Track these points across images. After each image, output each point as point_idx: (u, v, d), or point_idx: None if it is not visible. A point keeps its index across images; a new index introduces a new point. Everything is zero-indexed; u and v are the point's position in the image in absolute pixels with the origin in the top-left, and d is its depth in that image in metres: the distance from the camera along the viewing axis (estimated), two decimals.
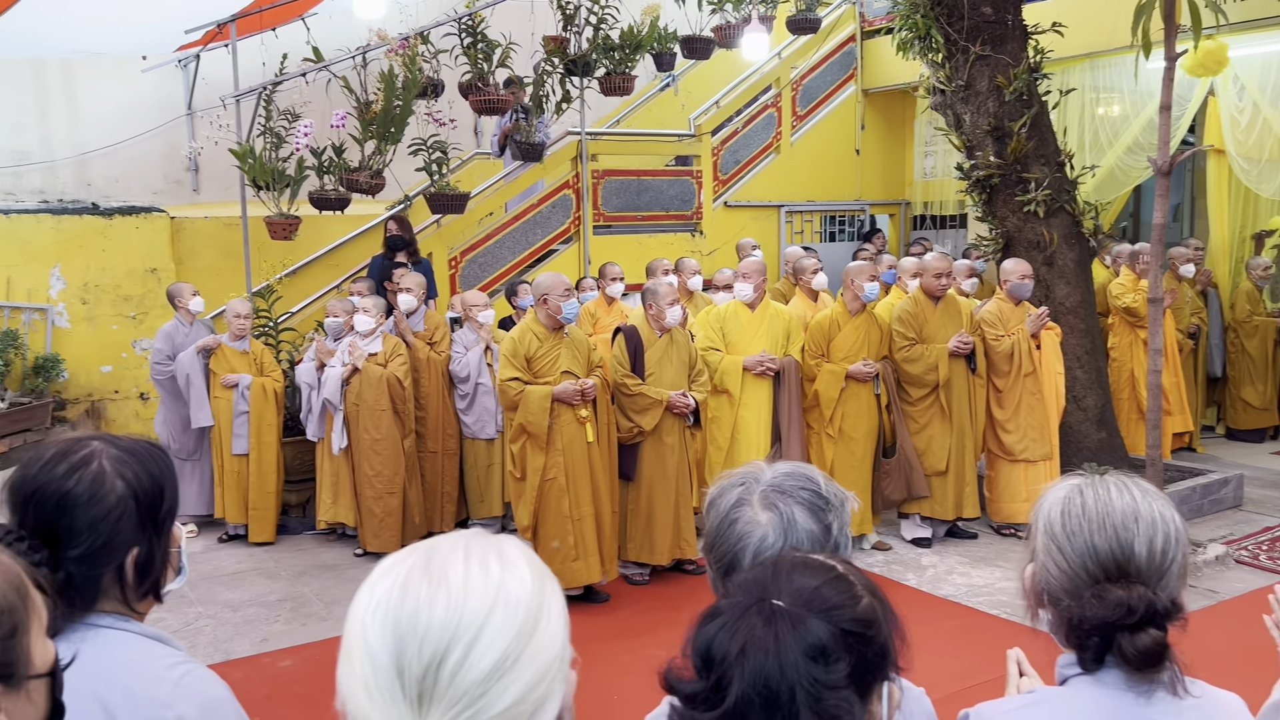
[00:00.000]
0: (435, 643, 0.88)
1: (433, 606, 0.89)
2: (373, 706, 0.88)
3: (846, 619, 1.12)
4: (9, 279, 8.21)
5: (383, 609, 0.91)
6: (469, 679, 0.87)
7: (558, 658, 0.93)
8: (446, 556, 0.94)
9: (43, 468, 1.42)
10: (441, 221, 8.71)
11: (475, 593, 0.91)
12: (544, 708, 0.91)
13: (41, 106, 8.99)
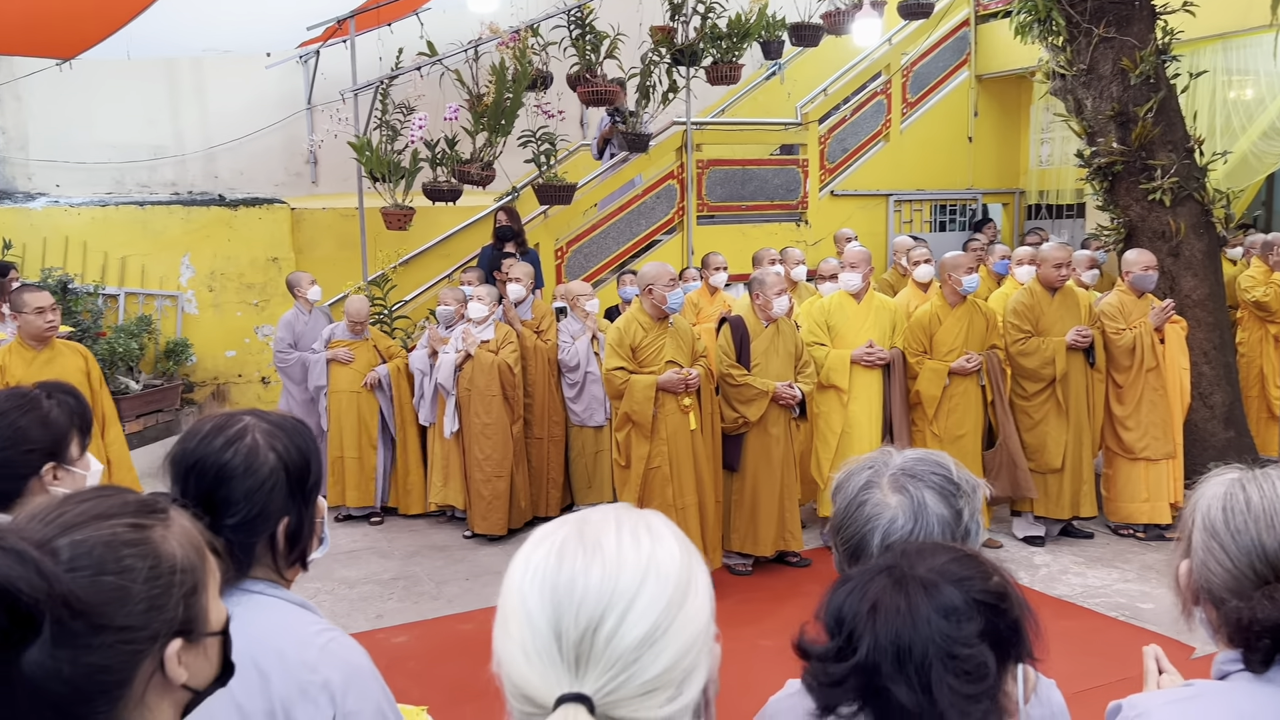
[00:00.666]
0: (591, 609, 0.91)
1: (588, 574, 0.92)
2: (531, 669, 0.91)
3: (977, 589, 1.14)
4: (143, 267, 8.67)
5: (540, 576, 0.94)
6: (623, 645, 0.90)
7: (704, 630, 0.95)
8: (599, 527, 0.97)
9: (201, 441, 1.51)
10: (549, 212, 8.84)
11: (628, 563, 0.93)
12: (692, 677, 0.93)
13: (174, 103, 9.45)
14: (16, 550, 0.95)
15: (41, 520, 1.03)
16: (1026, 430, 6.09)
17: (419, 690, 4.40)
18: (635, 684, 0.89)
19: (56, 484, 1.89)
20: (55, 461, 1.89)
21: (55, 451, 1.89)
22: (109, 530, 1.03)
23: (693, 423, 5.50)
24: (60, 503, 1.06)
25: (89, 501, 1.07)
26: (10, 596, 0.93)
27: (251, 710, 1.44)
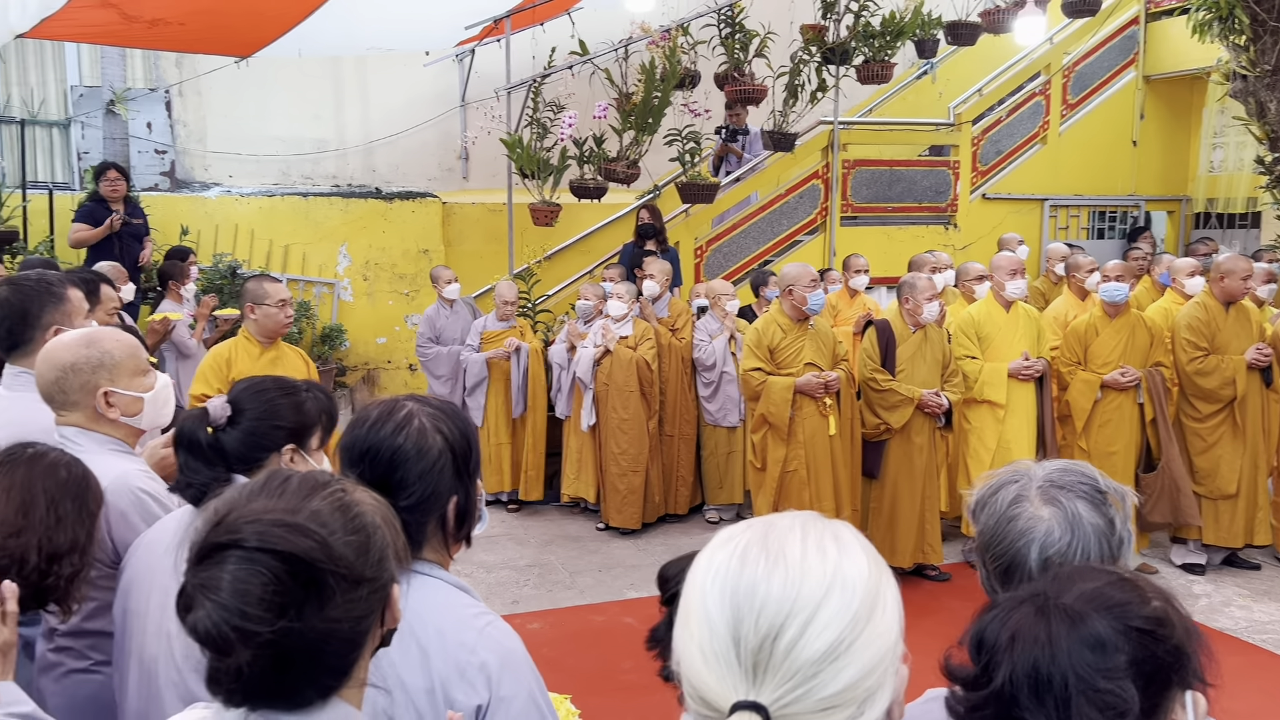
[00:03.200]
0: (771, 617, 0.89)
1: (770, 581, 0.91)
2: (708, 671, 0.90)
3: (1133, 615, 1.11)
4: (304, 255, 9.11)
5: (721, 578, 0.93)
6: (803, 657, 0.88)
7: (891, 649, 0.93)
8: (783, 535, 0.95)
9: (371, 428, 1.58)
10: (690, 211, 8.85)
11: (812, 572, 0.91)
12: (875, 697, 0.90)
13: (337, 100, 9.90)
14: (298, 525, 1.08)
15: (268, 495, 1.11)
16: (1198, 454, 5.73)
17: (552, 678, 4.46)
18: (814, 699, 0.87)
19: (292, 466, 2.02)
20: (295, 445, 2.02)
21: (299, 436, 2.04)
22: (332, 496, 1.13)
23: (832, 427, 5.42)
24: (266, 480, 1.14)
25: (288, 478, 1.15)
26: (304, 565, 1.06)
27: (412, 686, 1.49)
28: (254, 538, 1.06)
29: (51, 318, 2.80)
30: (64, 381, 2.29)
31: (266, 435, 2.02)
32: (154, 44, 8.22)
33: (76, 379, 2.29)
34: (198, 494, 1.98)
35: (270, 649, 1.06)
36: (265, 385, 2.09)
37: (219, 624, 1.04)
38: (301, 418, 2.06)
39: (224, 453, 2.00)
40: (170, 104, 9.25)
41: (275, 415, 2.03)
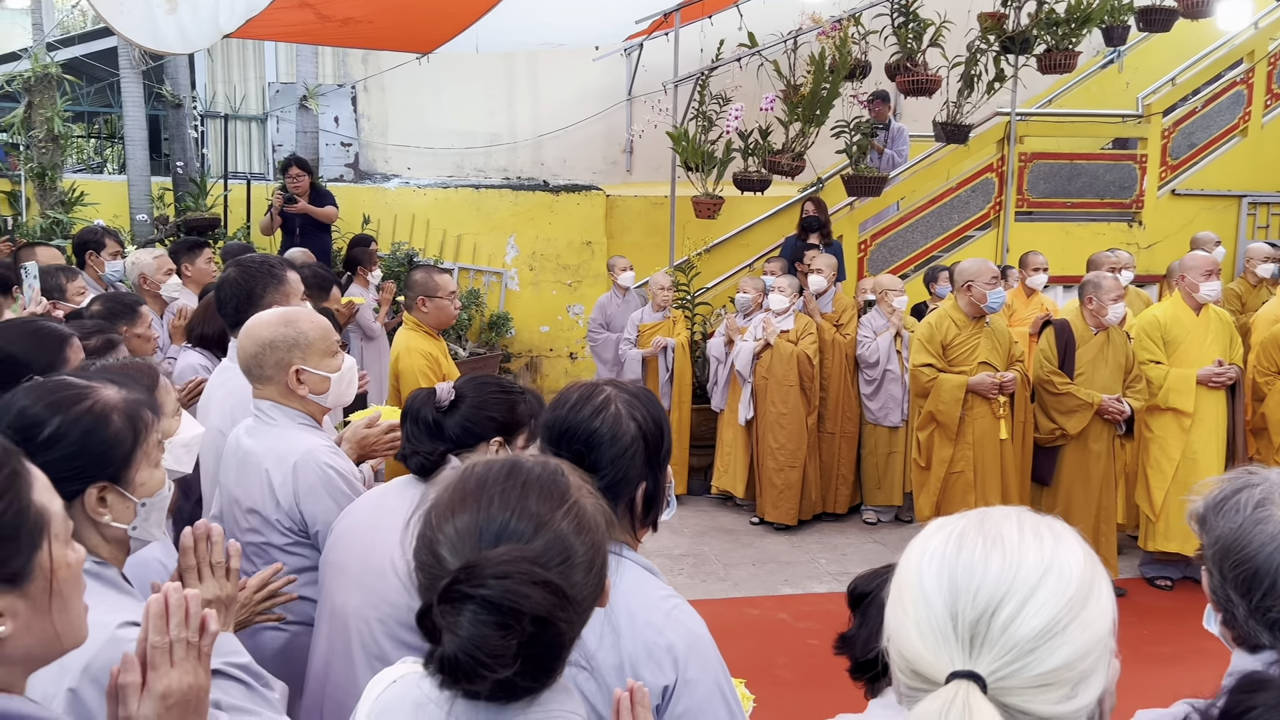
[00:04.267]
0: (989, 594, 0.92)
1: (987, 562, 0.94)
2: (924, 645, 0.93)
3: None
4: (475, 245, 9.45)
5: (938, 559, 0.96)
6: (1020, 633, 0.90)
7: (1105, 637, 0.94)
8: (999, 522, 0.98)
9: (570, 410, 1.63)
10: (855, 204, 8.69)
11: (1029, 556, 0.94)
12: (1089, 681, 0.92)
13: (510, 94, 10.20)
14: (541, 581, 1.12)
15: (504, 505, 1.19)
16: None
17: None
18: (1030, 674, 0.89)
19: (502, 454, 2.15)
20: (504, 439, 2.15)
21: (508, 431, 2.17)
22: (571, 514, 1.21)
23: (1004, 431, 5.22)
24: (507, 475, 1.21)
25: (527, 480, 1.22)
26: (544, 621, 1.11)
27: (603, 663, 1.53)
28: (499, 594, 1.09)
29: (272, 298, 3.01)
30: (261, 357, 2.45)
31: (480, 424, 2.16)
32: (344, 42, 8.69)
33: (272, 355, 2.45)
34: (420, 463, 2.13)
35: (500, 681, 1.12)
36: (489, 382, 2.26)
37: (463, 662, 1.10)
38: (513, 416, 2.21)
39: (444, 432, 2.13)
40: (356, 99, 9.75)
41: (490, 407, 2.18)
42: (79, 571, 1.14)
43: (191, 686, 1.25)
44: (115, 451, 1.54)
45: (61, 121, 8.13)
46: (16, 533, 1.04)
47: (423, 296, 4.47)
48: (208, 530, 1.68)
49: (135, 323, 3.82)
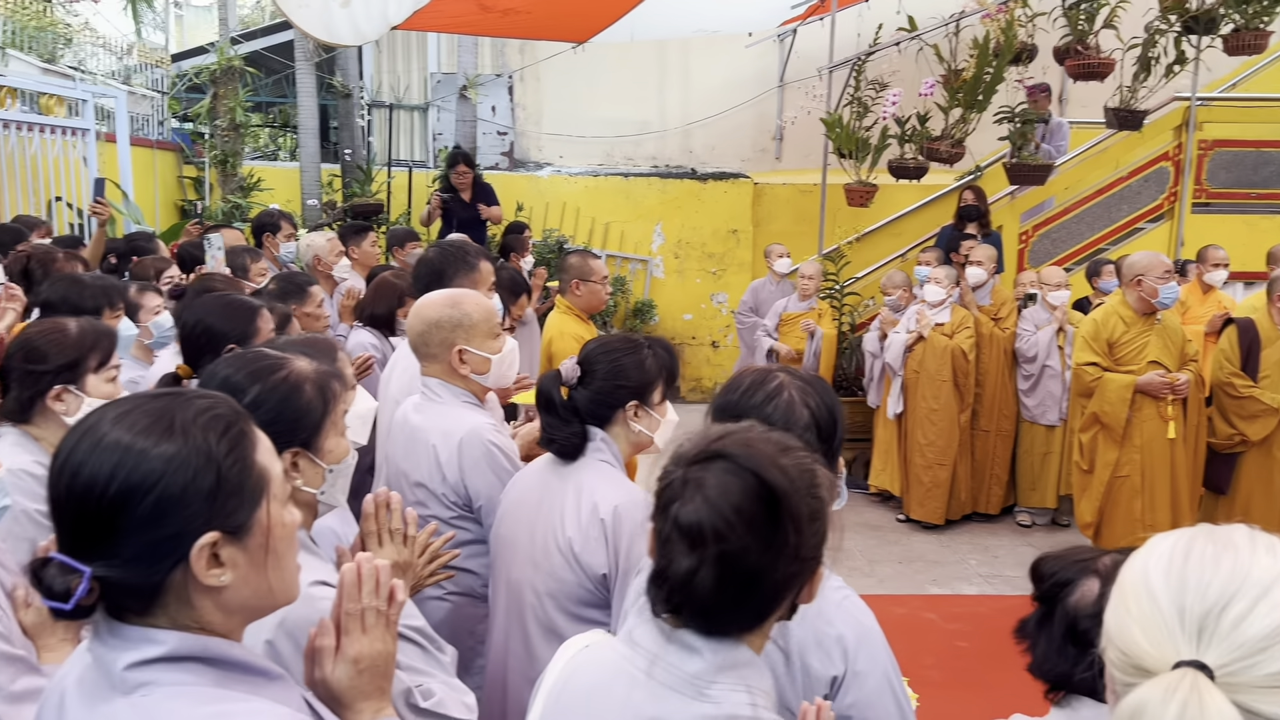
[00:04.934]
0: (1219, 591, 0.91)
1: (1217, 564, 0.93)
2: (1148, 640, 0.93)
3: None
4: (622, 233, 9.56)
5: (1165, 560, 0.96)
6: (1250, 632, 0.89)
7: None
8: (1229, 532, 0.97)
9: (743, 395, 1.63)
10: (1016, 193, 8.35)
11: (1261, 561, 0.93)
12: None
13: (660, 82, 10.25)
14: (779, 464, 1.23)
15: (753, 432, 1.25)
16: None
17: None
18: (1262, 672, 0.88)
19: (635, 420, 2.17)
20: (638, 401, 2.17)
21: (641, 393, 2.18)
22: (801, 463, 1.26)
23: (1172, 431, 4.92)
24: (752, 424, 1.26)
25: (770, 429, 1.29)
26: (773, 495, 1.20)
27: (770, 648, 1.53)
28: (743, 456, 1.21)
29: (460, 282, 3.13)
30: (427, 335, 2.55)
31: (612, 394, 2.17)
32: (504, 32, 8.92)
33: (438, 334, 2.54)
34: (560, 448, 2.17)
35: (724, 562, 1.18)
36: (612, 345, 2.23)
37: (701, 519, 1.18)
38: (643, 375, 2.19)
39: (577, 410, 2.16)
40: (512, 89, 9.99)
41: (620, 375, 2.17)
42: (293, 532, 1.21)
43: (380, 653, 1.32)
44: (307, 419, 1.63)
45: (242, 111, 8.64)
46: (241, 488, 1.12)
47: (577, 280, 4.54)
48: (388, 498, 1.77)
49: (305, 301, 4.02)
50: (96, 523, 1.06)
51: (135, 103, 8.38)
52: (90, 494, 1.06)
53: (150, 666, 1.08)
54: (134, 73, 8.94)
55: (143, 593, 1.08)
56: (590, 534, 2.06)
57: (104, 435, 1.08)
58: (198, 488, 1.08)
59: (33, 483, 2.12)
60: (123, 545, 1.06)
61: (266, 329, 2.72)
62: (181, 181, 9.41)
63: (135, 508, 1.05)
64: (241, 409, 1.19)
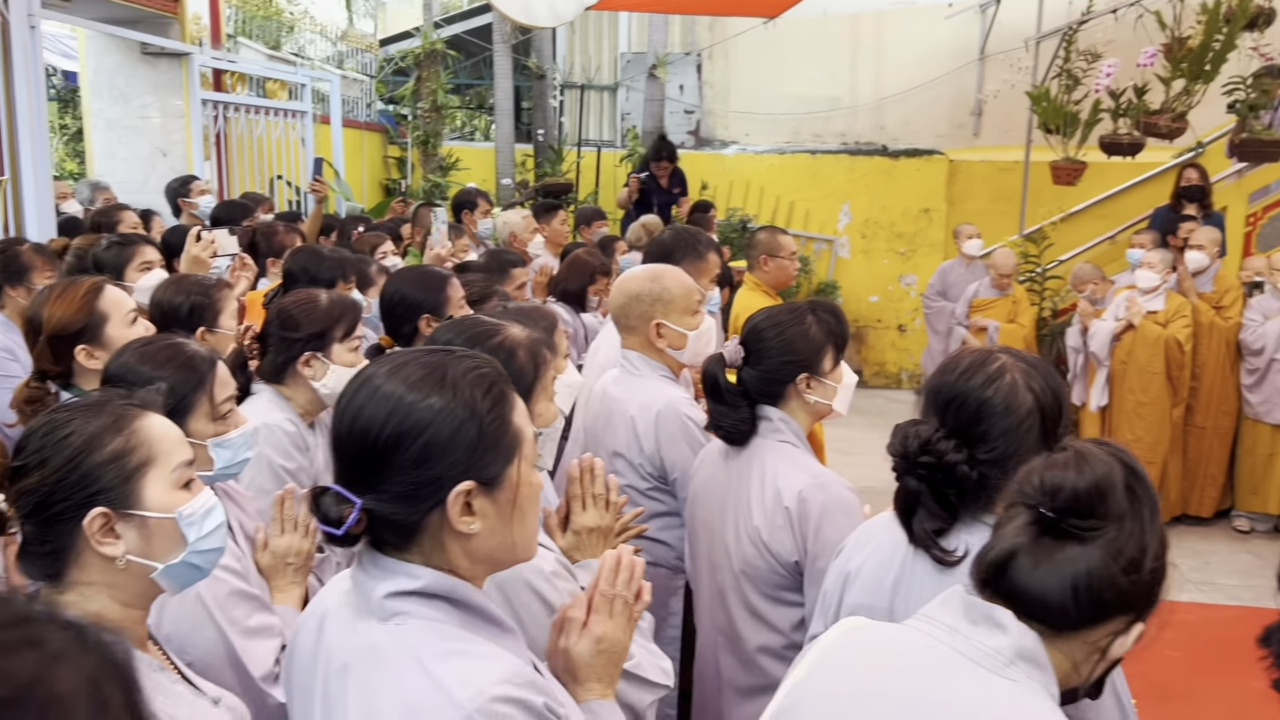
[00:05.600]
0: None
1: None
2: None
3: None
4: (808, 212, 9.41)
5: None
6: None
7: None
8: None
9: (960, 376, 1.56)
10: (1242, 172, 7.66)
11: None
12: None
13: (852, 57, 9.98)
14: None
15: None
16: None
17: None
18: None
19: (809, 392, 2.12)
20: (808, 373, 2.12)
21: (810, 365, 2.12)
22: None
23: None
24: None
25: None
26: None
27: None
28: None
29: (685, 269, 3.18)
30: (627, 308, 2.60)
31: (779, 370, 2.13)
32: (695, 8, 8.93)
33: (637, 307, 2.58)
34: (727, 434, 2.15)
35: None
36: (774, 318, 2.17)
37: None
38: (810, 345, 2.12)
39: (746, 392, 2.14)
40: (700, 67, 9.98)
41: (786, 349, 2.12)
42: (538, 493, 1.28)
43: (619, 640, 1.38)
44: (520, 383, 1.69)
45: (443, 93, 9.03)
46: (498, 443, 1.20)
47: (765, 256, 4.53)
48: (591, 463, 1.81)
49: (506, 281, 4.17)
50: (370, 461, 1.17)
51: (347, 86, 8.90)
52: (367, 435, 1.17)
53: (406, 598, 1.17)
54: (345, 58, 9.49)
55: (402, 529, 1.18)
56: (776, 522, 2.04)
57: (381, 385, 1.19)
58: (461, 438, 1.17)
59: (282, 437, 2.29)
60: (390, 483, 1.16)
61: (457, 297, 2.84)
62: (386, 161, 9.93)
63: (405, 450, 1.15)
64: (504, 372, 1.27)
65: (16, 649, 0.62)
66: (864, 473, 3.26)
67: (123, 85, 6.54)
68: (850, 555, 1.73)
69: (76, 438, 1.30)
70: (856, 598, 1.66)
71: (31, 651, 0.62)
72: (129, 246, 3.44)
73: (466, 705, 1.07)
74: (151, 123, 6.55)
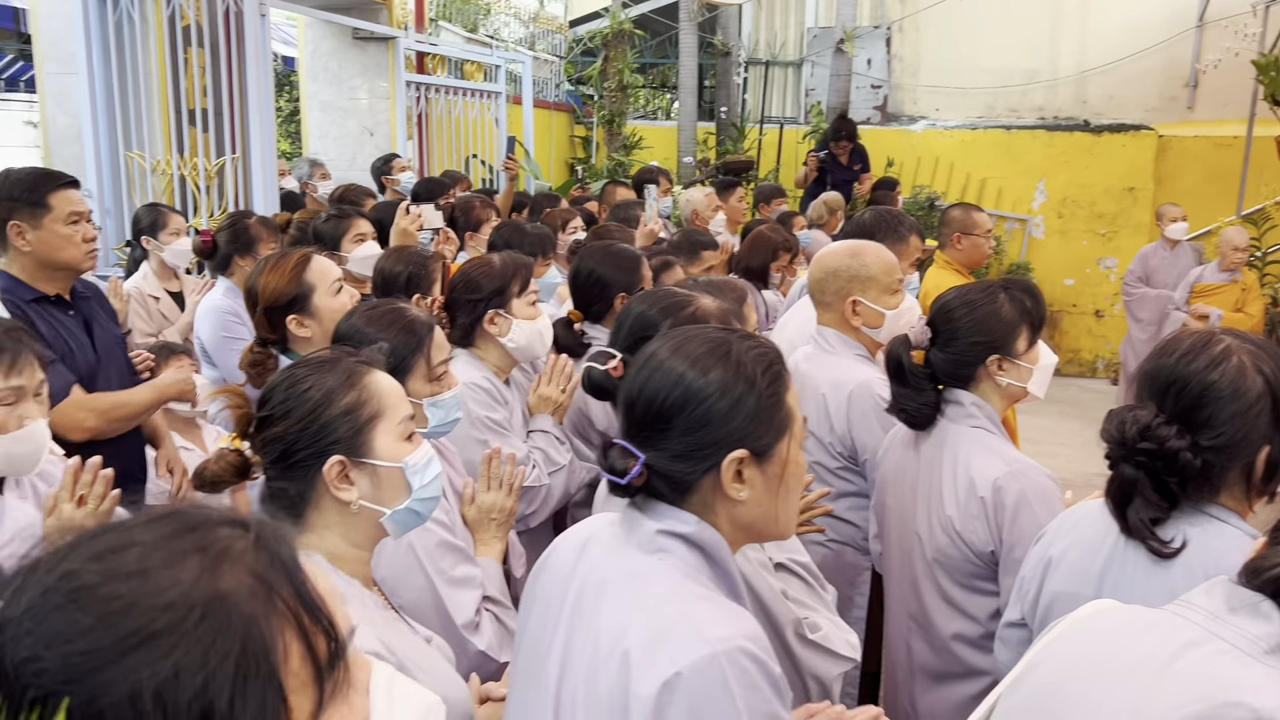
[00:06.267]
0: None
1: None
2: None
3: None
4: (1000, 189, 9.02)
5: None
6: None
7: None
8: None
9: (1180, 359, 1.48)
10: None
11: None
12: None
13: (1054, 26, 9.46)
14: None
15: None
16: None
17: None
18: None
19: (1001, 374, 2.05)
20: (1000, 355, 2.04)
21: (1002, 345, 2.04)
22: None
23: None
24: None
25: None
26: None
27: None
28: None
29: (893, 248, 3.17)
30: (824, 283, 2.57)
31: (968, 352, 2.05)
32: None
33: (834, 283, 2.55)
34: (910, 418, 2.09)
35: None
36: (965, 297, 2.09)
37: None
38: (1001, 325, 2.03)
39: (933, 374, 2.08)
40: (890, 40, 9.71)
41: (975, 330, 2.04)
42: (803, 472, 1.35)
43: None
44: None
45: (630, 72, 9.16)
46: (772, 417, 1.27)
47: (959, 233, 4.37)
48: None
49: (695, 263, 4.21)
50: (655, 421, 1.27)
51: (538, 67, 9.16)
52: (655, 398, 1.27)
53: (672, 538, 1.26)
54: (537, 39, 9.76)
55: (678, 485, 1.26)
56: (970, 512, 1.99)
57: (669, 357, 1.29)
58: (740, 408, 1.25)
59: (483, 394, 2.42)
60: (672, 442, 1.25)
61: (647, 276, 2.90)
62: (572, 140, 10.18)
63: (688, 413, 1.25)
64: (782, 355, 1.34)
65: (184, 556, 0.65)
66: (1056, 464, 3.14)
67: (335, 69, 6.98)
68: (1052, 541, 1.68)
69: (315, 391, 1.42)
70: (1059, 585, 1.61)
71: (198, 556, 0.66)
72: (345, 220, 3.69)
73: (715, 645, 1.12)
74: (360, 104, 6.97)
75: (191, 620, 0.62)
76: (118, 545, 0.65)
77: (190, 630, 0.62)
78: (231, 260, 3.63)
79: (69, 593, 0.63)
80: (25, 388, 1.87)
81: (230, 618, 0.64)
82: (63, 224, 2.56)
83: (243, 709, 0.62)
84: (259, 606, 0.65)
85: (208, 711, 0.61)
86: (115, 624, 0.61)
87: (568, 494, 2.61)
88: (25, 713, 0.60)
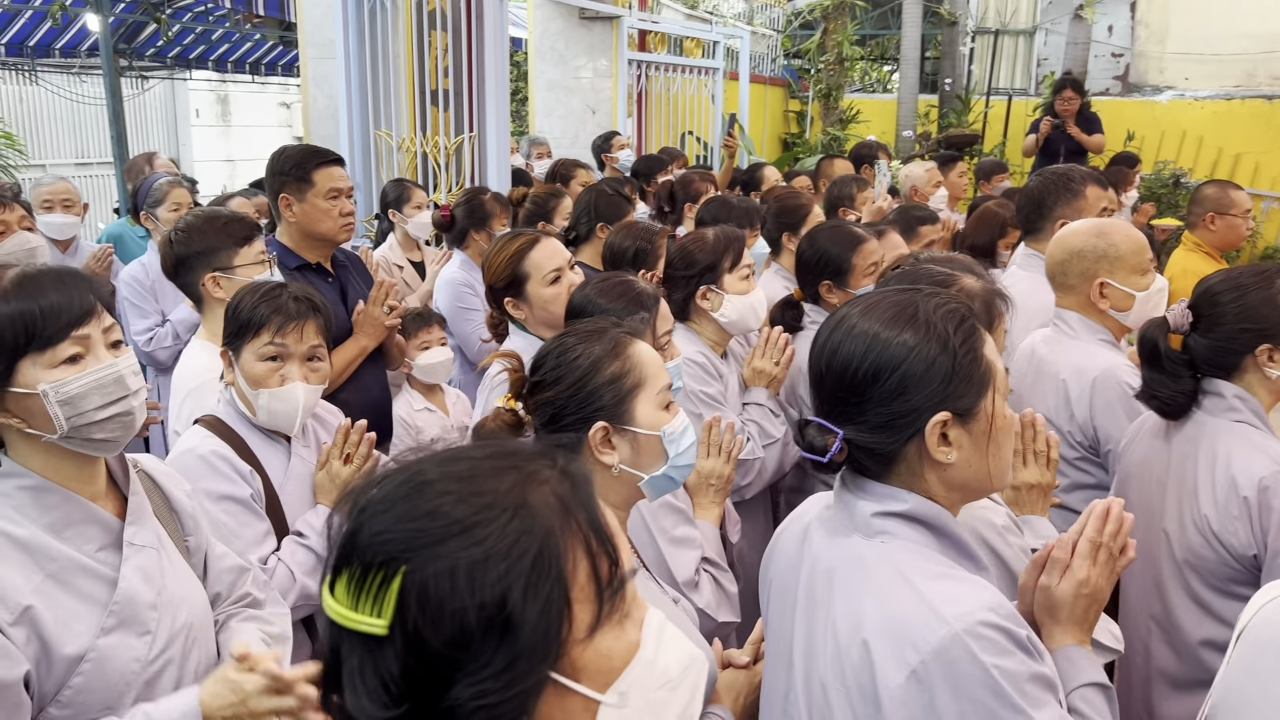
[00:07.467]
0: None
1: None
2: None
3: None
4: (1257, 165, 8.24)
5: None
6: None
7: None
8: None
9: None
10: None
11: None
12: None
13: None
14: None
15: None
16: None
17: None
18: None
19: (1271, 366, 1.91)
20: (1271, 344, 1.90)
21: (1274, 334, 1.90)
22: None
23: None
24: None
25: None
26: None
27: None
28: None
29: (1062, 211, 3.01)
30: (1067, 264, 2.44)
31: (1236, 339, 1.91)
32: None
33: (1078, 264, 2.42)
34: (1162, 406, 1.97)
35: None
36: (1233, 280, 1.95)
37: None
38: (1273, 312, 1.89)
39: (1191, 361, 1.94)
40: (1135, 5, 9.02)
41: (1245, 318, 1.90)
42: (1012, 425, 1.31)
43: (1100, 589, 1.33)
44: None
45: (849, 44, 8.97)
46: (971, 375, 1.24)
47: (1213, 213, 4.08)
48: (1033, 419, 1.79)
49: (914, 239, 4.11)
50: (849, 394, 1.25)
51: (755, 42, 9.12)
52: (846, 370, 1.25)
53: (890, 519, 1.25)
54: (755, 13, 9.71)
55: (881, 458, 1.25)
56: (1230, 512, 1.86)
57: (857, 324, 1.27)
58: (935, 370, 1.22)
59: (697, 369, 2.48)
60: (869, 414, 1.24)
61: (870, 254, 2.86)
62: (786, 115, 10.09)
63: (882, 383, 1.23)
64: (973, 309, 1.31)
65: (503, 472, 0.79)
66: None
67: (562, 48, 7.22)
68: None
69: (584, 360, 1.49)
70: None
71: (514, 473, 0.79)
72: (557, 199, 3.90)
73: (954, 624, 1.12)
74: (583, 82, 7.18)
75: (502, 520, 0.75)
76: (456, 457, 0.81)
77: (500, 527, 0.75)
78: (467, 234, 3.87)
79: (416, 485, 0.78)
80: (291, 350, 2.00)
81: (533, 524, 0.76)
82: (323, 198, 2.78)
83: (534, 598, 0.74)
84: (557, 521, 0.77)
85: (505, 594, 0.73)
86: (446, 512, 0.76)
87: (782, 469, 2.63)
88: (372, 573, 0.74)
